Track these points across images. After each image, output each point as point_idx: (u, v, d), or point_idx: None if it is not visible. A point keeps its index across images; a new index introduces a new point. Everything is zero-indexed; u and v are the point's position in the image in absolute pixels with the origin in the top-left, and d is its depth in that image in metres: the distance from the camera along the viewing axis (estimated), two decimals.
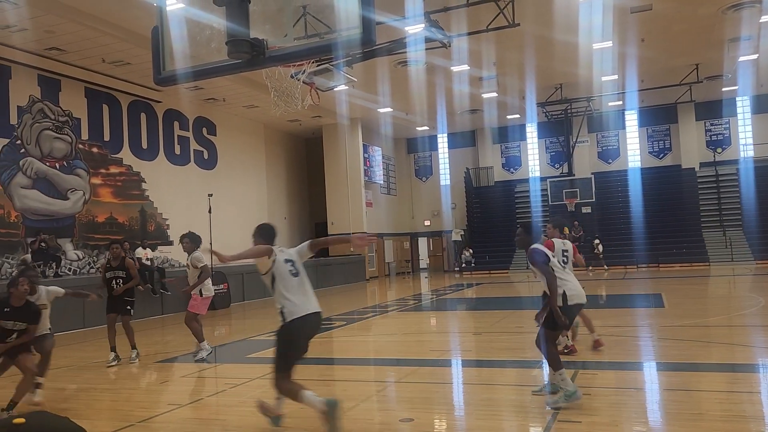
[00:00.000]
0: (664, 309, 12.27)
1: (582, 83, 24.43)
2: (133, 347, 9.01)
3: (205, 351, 8.78)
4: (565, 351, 7.20)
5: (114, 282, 8.90)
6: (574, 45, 19.04)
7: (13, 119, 15.72)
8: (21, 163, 15.83)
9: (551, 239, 6.69)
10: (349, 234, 5.45)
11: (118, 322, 8.90)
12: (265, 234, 5.04)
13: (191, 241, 8.67)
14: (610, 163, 30.86)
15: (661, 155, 30.12)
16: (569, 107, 27.87)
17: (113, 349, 8.80)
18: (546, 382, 5.89)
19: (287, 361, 4.76)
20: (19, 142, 15.82)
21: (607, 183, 29.84)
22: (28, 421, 0.79)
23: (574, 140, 29.73)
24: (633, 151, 30.49)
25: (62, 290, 7.40)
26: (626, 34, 18.79)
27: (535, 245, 5.66)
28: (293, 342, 4.74)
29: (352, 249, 6.71)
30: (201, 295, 8.84)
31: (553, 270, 5.48)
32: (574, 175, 29.47)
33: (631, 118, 30.39)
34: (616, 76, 23.49)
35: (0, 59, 15.19)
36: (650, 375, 6.87)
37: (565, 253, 6.47)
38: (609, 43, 19.09)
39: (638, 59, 21.50)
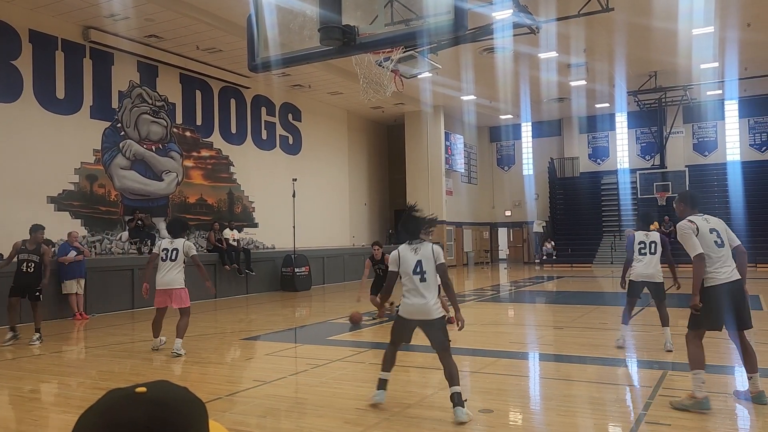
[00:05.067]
0: (762, 312, 11.53)
1: (678, 71, 23.17)
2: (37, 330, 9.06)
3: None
4: None
5: (26, 265, 9.00)
6: (671, 30, 18.06)
7: (115, 103, 16.68)
8: (121, 145, 16.79)
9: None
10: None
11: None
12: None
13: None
14: (706, 156, 29.21)
15: (764, 148, 28.18)
16: (663, 96, 26.51)
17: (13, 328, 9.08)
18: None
19: None
20: (119, 125, 16.78)
21: (703, 176, 28.24)
22: (150, 390, 0.83)
23: (668, 131, 28.30)
24: (732, 143, 28.69)
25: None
26: (730, 18, 17.64)
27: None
28: None
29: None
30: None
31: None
32: (666, 168, 28.07)
33: (732, 108, 28.57)
34: (716, 64, 22.12)
35: (104, 46, 16.12)
36: (743, 381, 6.49)
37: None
38: (710, 29, 17.98)
39: (742, 45, 20.14)
